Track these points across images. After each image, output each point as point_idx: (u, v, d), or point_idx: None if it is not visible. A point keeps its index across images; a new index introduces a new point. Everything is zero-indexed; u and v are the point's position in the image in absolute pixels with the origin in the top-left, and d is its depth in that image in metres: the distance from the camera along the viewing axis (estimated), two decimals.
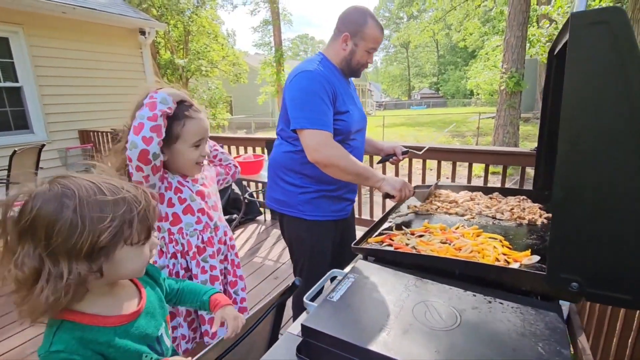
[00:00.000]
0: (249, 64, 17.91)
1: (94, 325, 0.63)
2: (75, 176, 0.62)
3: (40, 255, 0.57)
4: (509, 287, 0.78)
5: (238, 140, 4.05)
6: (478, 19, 21.90)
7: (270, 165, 1.52)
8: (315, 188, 1.42)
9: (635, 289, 0.65)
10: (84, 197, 0.59)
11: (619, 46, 0.58)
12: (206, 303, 0.89)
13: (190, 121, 1.02)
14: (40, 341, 0.61)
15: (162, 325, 0.75)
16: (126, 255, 0.63)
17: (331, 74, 1.36)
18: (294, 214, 1.45)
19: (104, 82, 5.26)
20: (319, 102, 1.27)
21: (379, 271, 0.86)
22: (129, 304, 0.70)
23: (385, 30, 11.04)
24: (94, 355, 0.61)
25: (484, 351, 0.58)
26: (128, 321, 0.68)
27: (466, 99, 35.95)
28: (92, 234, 0.57)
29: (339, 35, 1.38)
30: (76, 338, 0.60)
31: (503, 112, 7.77)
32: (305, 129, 1.26)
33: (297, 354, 0.65)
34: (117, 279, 0.69)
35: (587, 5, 0.75)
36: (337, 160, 1.24)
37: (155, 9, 13.49)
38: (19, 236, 0.58)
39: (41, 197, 0.58)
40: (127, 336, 0.66)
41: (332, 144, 1.26)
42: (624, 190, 0.62)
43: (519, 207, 1.24)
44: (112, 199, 0.61)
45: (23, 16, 4.26)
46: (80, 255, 0.58)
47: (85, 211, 0.58)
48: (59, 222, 0.56)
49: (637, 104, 0.59)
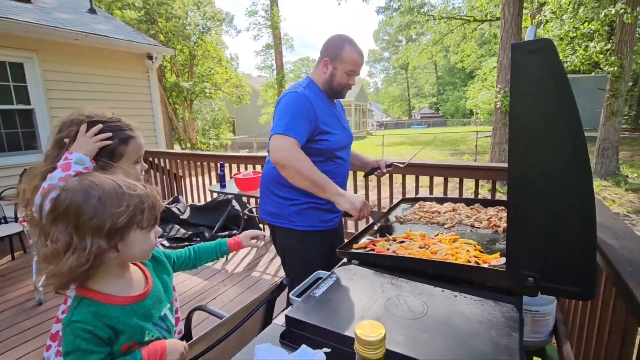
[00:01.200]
0: (252, 86, 18.41)
1: (107, 303, 0.76)
2: (99, 175, 0.79)
3: (70, 233, 0.71)
4: (476, 284, 0.86)
5: (239, 158, 4.18)
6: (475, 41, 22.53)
7: (262, 179, 1.62)
8: (304, 200, 1.50)
9: (583, 282, 0.73)
10: (106, 189, 0.74)
11: (551, 67, 0.69)
12: (227, 250, 1.22)
13: (133, 140, 1.07)
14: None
15: (166, 307, 0.88)
16: (137, 238, 0.78)
17: (316, 97, 1.49)
18: (284, 225, 1.53)
19: (111, 104, 5.46)
20: (297, 115, 1.37)
21: (360, 272, 0.95)
22: (137, 287, 0.84)
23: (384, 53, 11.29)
24: (105, 327, 0.74)
25: (443, 334, 0.66)
26: (135, 301, 0.81)
27: (465, 118, 36.40)
28: (111, 217, 0.73)
29: (320, 60, 1.52)
30: (92, 312, 0.74)
31: (499, 130, 7.93)
32: (278, 134, 1.33)
33: (281, 340, 0.73)
34: (129, 259, 0.82)
35: (535, 35, 0.86)
36: (294, 163, 1.28)
37: (162, 35, 14.06)
38: (54, 219, 0.72)
39: (72, 190, 0.74)
40: (133, 314, 0.79)
41: (294, 148, 1.31)
42: (566, 192, 0.71)
43: (496, 216, 1.32)
44: (128, 192, 0.76)
45: (38, 43, 4.51)
46: (102, 233, 0.72)
47: (107, 200, 0.73)
48: (86, 208, 0.72)
49: (570, 113, 0.69)
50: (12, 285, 2.90)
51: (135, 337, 0.79)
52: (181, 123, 15.52)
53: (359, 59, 1.50)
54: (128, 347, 0.78)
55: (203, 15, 15.51)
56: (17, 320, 2.39)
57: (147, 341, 0.82)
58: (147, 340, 0.82)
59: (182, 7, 14.33)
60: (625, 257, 0.95)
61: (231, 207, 3.94)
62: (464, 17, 17.39)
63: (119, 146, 1.03)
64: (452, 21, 17.77)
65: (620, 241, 1.05)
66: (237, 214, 3.91)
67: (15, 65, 4.44)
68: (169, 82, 14.76)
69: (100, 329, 0.73)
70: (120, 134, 1.04)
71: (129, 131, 1.07)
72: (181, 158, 4.82)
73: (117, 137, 1.03)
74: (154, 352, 0.77)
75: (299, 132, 1.35)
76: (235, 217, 3.92)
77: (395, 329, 0.68)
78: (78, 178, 0.78)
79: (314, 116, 1.42)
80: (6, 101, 4.39)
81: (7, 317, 2.43)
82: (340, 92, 1.56)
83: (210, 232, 3.77)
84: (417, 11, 17.43)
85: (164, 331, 0.86)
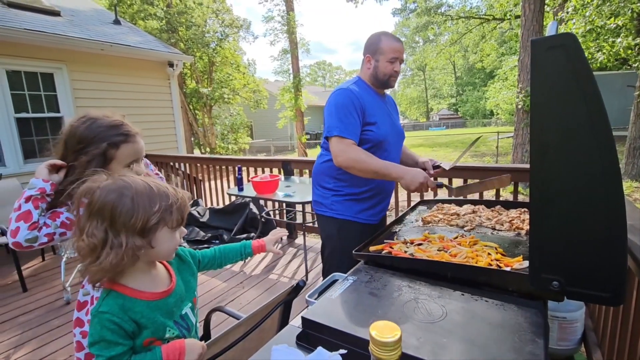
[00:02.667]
0: (269, 91, 18.62)
1: (133, 297, 0.80)
2: (132, 175, 0.85)
3: (105, 229, 0.76)
4: (498, 288, 0.83)
5: (257, 161, 4.24)
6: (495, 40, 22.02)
7: (313, 175, 1.79)
8: (347, 191, 1.63)
9: (611, 287, 0.69)
10: (138, 189, 0.79)
11: (574, 64, 0.67)
12: (251, 252, 1.22)
13: (125, 145, 1.09)
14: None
15: (187, 305, 0.91)
16: (164, 236, 0.81)
17: (363, 91, 1.60)
18: (327, 213, 1.67)
19: (134, 110, 5.66)
20: (347, 113, 1.50)
21: (376, 274, 0.94)
22: (161, 284, 0.87)
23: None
24: (130, 320, 0.77)
25: (463, 339, 0.64)
26: (159, 298, 0.84)
27: (486, 119, 35.53)
28: (144, 216, 0.77)
29: (364, 59, 1.66)
30: (119, 305, 0.78)
31: (521, 130, 7.69)
32: (332, 137, 1.50)
33: (297, 341, 0.73)
34: (156, 257, 0.86)
35: (556, 31, 0.83)
36: (353, 163, 1.47)
37: (182, 43, 14.45)
38: (89, 215, 0.77)
39: (107, 188, 0.78)
40: (157, 310, 0.82)
41: (351, 149, 1.47)
42: (590, 193, 0.68)
43: (519, 218, 1.28)
44: (158, 192, 0.81)
45: (67, 54, 4.73)
46: (135, 231, 0.77)
47: (139, 199, 0.78)
48: (120, 207, 0.76)
49: (595, 112, 0.66)
50: (42, 285, 3.03)
51: (157, 333, 0.81)
52: (201, 128, 15.86)
53: (397, 45, 1.59)
54: (149, 342, 0.81)
55: (221, 22, 15.85)
56: (46, 319, 2.49)
57: (168, 338, 0.84)
58: (167, 337, 0.84)
59: (201, 15, 14.70)
60: None
61: (249, 210, 3.99)
62: (483, 16, 17.04)
63: (109, 149, 1.04)
64: (471, 20, 17.44)
65: None
66: (255, 217, 3.95)
67: (46, 76, 4.67)
68: (189, 88, 15.14)
69: (125, 322, 0.77)
70: (111, 138, 1.05)
71: (125, 136, 1.08)
72: (201, 162, 4.92)
73: (108, 140, 1.04)
74: (172, 350, 0.79)
75: (353, 132, 1.50)
76: (253, 219, 3.96)
77: (414, 332, 0.67)
78: (112, 178, 0.81)
79: (361, 108, 1.53)
80: (38, 109, 4.62)
81: (37, 316, 2.54)
82: (388, 81, 1.64)
83: (229, 234, 3.82)
84: (434, 12, 17.20)
85: (184, 329, 0.88)
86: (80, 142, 1.02)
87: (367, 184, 1.62)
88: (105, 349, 0.75)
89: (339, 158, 1.49)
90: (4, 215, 3.27)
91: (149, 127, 5.84)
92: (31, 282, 3.08)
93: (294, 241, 3.88)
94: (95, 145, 1.02)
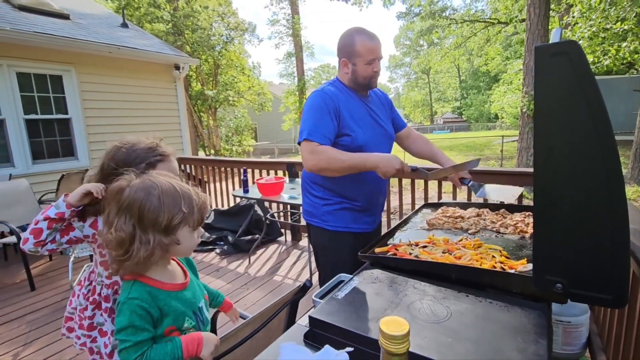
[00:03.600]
0: (273, 93, 18.73)
1: (155, 287, 0.85)
2: (158, 176, 0.88)
3: (134, 225, 0.81)
4: (502, 290, 0.84)
5: (262, 164, 4.27)
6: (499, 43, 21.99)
7: (302, 181, 1.69)
8: (337, 200, 1.55)
9: (615, 289, 0.70)
10: (164, 189, 0.84)
11: (577, 71, 0.68)
12: (220, 304, 1.20)
13: (162, 164, 1.15)
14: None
15: (202, 300, 0.96)
16: (185, 235, 0.86)
17: (341, 93, 1.51)
18: (318, 224, 1.58)
19: (141, 112, 5.73)
20: (318, 116, 1.41)
21: (381, 275, 0.95)
22: (178, 278, 0.93)
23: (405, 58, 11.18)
24: (156, 307, 0.82)
25: (467, 339, 0.66)
26: (179, 289, 0.89)
27: (490, 122, 35.41)
28: (170, 214, 0.82)
29: (339, 62, 1.55)
30: (147, 291, 0.84)
31: (526, 134, 7.67)
32: (301, 142, 1.41)
33: (305, 339, 0.74)
34: (176, 254, 0.90)
35: (560, 37, 0.85)
36: (325, 164, 1.37)
37: (188, 46, 14.59)
38: (118, 211, 0.82)
39: (136, 187, 0.83)
40: (177, 299, 0.87)
41: (317, 150, 1.37)
42: (594, 197, 0.69)
43: (523, 222, 1.29)
44: (182, 192, 0.85)
45: (75, 57, 4.80)
46: (160, 228, 0.82)
47: (165, 198, 0.83)
48: (148, 204, 0.81)
49: (598, 118, 0.68)
50: (49, 285, 3.07)
51: (178, 321, 0.86)
52: (206, 130, 15.98)
53: (373, 45, 1.47)
54: (169, 331, 0.85)
55: (227, 26, 15.99)
56: (53, 318, 2.53)
57: (185, 329, 0.88)
58: (185, 327, 0.88)
59: (207, 19, 14.85)
60: None
61: (254, 211, 4.01)
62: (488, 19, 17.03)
63: (147, 169, 1.09)
64: (475, 24, 17.43)
65: None
66: (259, 219, 3.98)
67: (55, 78, 4.75)
68: (194, 90, 15.27)
69: (153, 308, 0.81)
70: (149, 158, 1.12)
71: (161, 156, 1.15)
72: (206, 164, 4.96)
73: (146, 161, 1.12)
74: (191, 340, 0.83)
75: (322, 133, 1.39)
76: (257, 221, 3.99)
77: (419, 332, 0.68)
78: (141, 177, 0.86)
79: (336, 110, 1.45)
80: (47, 111, 4.70)
81: (44, 315, 2.57)
82: (369, 84, 1.54)
83: (234, 235, 3.85)
84: (439, 15, 17.23)
85: (200, 322, 0.92)
86: (120, 165, 1.06)
87: (357, 189, 1.53)
88: (133, 335, 0.79)
89: (308, 163, 1.38)
90: (14, 215, 3.32)
91: (155, 128, 5.91)
92: (39, 282, 3.12)
93: (298, 243, 3.90)
94: (135, 167, 1.07)
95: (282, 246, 3.83)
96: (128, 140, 1.16)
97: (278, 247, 3.80)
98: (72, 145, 4.97)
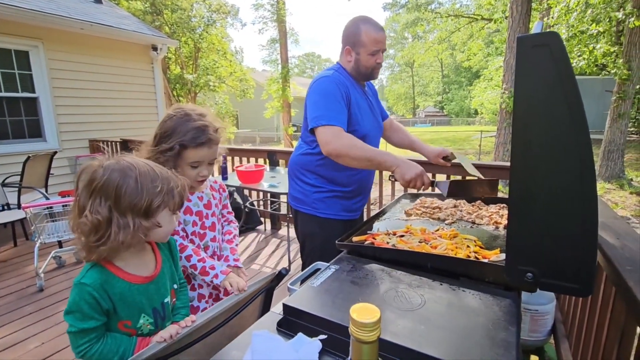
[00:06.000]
0: (256, 80, 18.37)
1: (116, 276, 0.80)
2: (134, 157, 0.85)
3: (110, 208, 0.75)
4: (475, 279, 0.86)
5: (241, 151, 4.18)
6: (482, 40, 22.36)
7: (290, 166, 1.66)
8: (329, 188, 1.54)
9: (582, 279, 0.72)
10: (141, 171, 0.79)
11: (557, 64, 0.68)
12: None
13: (200, 149, 1.10)
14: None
15: (167, 296, 0.90)
16: (165, 219, 0.83)
17: (347, 80, 1.50)
18: (308, 211, 1.57)
19: (115, 94, 5.47)
20: (333, 101, 1.39)
21: (358, 264, 0.95)
22: (146, 270, 0.87)
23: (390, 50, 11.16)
24: (107, 298, 0.78)
25: (440, 327, 0.66)
26: (141, 282, 0.84)
27: (470, 117, 36.21)
28: (148, 197, 0.78)
29: (343, 49, 1.53)
30: (101, 280, 0.79)
31: (503, 130, 7.89)
32: (319, 127, 1.37)
33: (278, 327, 0.73)
34: (153, 238, 0.86)
35: (543, 28, 0.85)
36: (346, 150, 1.32)
37: (167, 27, 14.02)
38: (90, 193, 0.76)
39: (110, 167, 0.78)
40: (137, 294, 0.82)
41: (341, 135, 1.35)
42: (569, 190, 0.71)
43: (497, 214, 1.32)
44: (160, 174, 0.82)
45: (44, 31, 4.51)
46: (140, 212, 0.77)
47: (143, 180, 0.78)
48: (124, 186, 0.77)
49: (575, 112, 0.68)
50: (14, 272, 2.92)
51: (133, 316, 0.81)
52: None
53: (378, 36, 1.46)
54: (123, 326, 0.80)
55: (208, 7, 15.45)
56: (18, 305, 2.42)
57: (142, 326, 0.83)
58: (141, 323, 0.83)
59: None
60: (625, 257, 0.94)
61: (233, 199, 3.95)
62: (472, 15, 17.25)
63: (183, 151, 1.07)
64: (460, 19, 17.62)
65: (621, 241, 1.05)
66: (238, 207, 3.92)
67: (21, 53, 4.45)
68: (173, 74, 14.76)
69: (103, 299, 0.77)
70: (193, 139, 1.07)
71: (207, 140, 1.09)
72: None
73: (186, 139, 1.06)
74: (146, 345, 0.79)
75: (339, 119, 1.37)
76: (236, 209, 3.92)
77: (393, 320, 0.68)
78: (116, 157, 0.82)
79: (347, 97, 1.44)
80: (11, 89, 4.41)
81: (8, 302, 2.45)
82: (371, 74, 1.54)
83: None
84: (425, 8, 17.29)
85: (160, 319, 0.87)
86: (164, 135, 1.07)
87: (349, 179, 1.54)
88: (79, 320, 0.76)
89: (329, 146, 1.33)
90: None
91: (129, 111, 5.67)
92: (2, 268, 2.97)
93: (278, 232, 3.87)
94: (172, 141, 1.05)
95: (261, 235, 3.80)
96: (184, 110, 1.10)
97: (257, 236, 3.77)
98: (39, 126, 4.71)
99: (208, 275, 1.11)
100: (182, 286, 1.02)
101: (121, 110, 5.57)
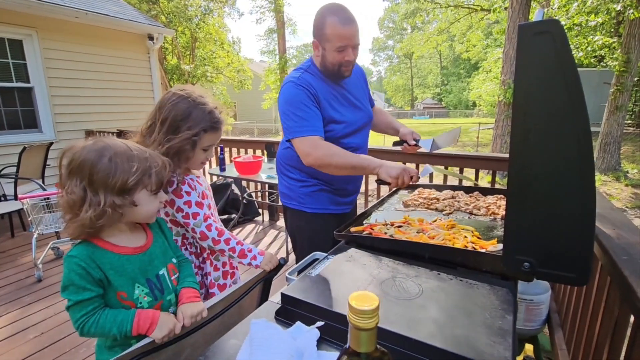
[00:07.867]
0: (254, 71, 18.19)
1: (104, 249, 0.83)
2: (113, 138, 0.86)
3: (84, 188, 0.79)
4: (472, 269, 0.86)
5: (239, 142, 4.17)
6: (481, 31, 22.19)
7: (276, 161, 1.63)
8: (314, 182, 1.51)
9: (579, 268, 0.73)
10: (117, 151, 0.82)
11: (558, 51, 0.68)
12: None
13: (210, 134, 1.10)
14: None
15: (163, 268, 0.91)
16: (144, 200, 0.85)
17: (317, 79, 1.40)
18: (295, 206, 1.54)
19: (111, 84, 5.41)
20: (303, 108, 1.32)
21: (356, 254, 0.95)
22: (136, 243, 0.90)
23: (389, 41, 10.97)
24: (96, 267, 0.81)
25: (437, 316, 0.67)
26: (131, 253, 0.86)
27: (468, 110, 36.12)
28: (122, 176, 0.80)
29: (313, 42, 1.41)
30: (88, 252, 0.81)
31: (501, 122, 7.88)
32: (295, 138, 1.33)
33: (276, 316, 0.74)
34: (135, 219, 0.87)
35: (544, 16, 0.84)
36: (328, 160, 1.29)
37: (164, 16, 13.81)
38: (69, 174, 0.81)
39: (87, 148, 0.81)
40: (128, 263, 0.85)
41: (319, 145, 1.30)
42: (567, 180, 0.71)
43: (495, 204, 1.32)
44: (137, 155, 0.83)
45: (38, 20, 4.43)
46: (114, 190, 0.80)
47: (118, 160, 0.80)
48: (98, 165, 0.79)
49: (576, 101, 0.68)
50: (12, 262, 2.92)
51: (127, 286, 0.83)
52: None
53: (344, 31, 1.30)
54: (120, 297, 0.83)
55: None
56: (17, 296, 2.42)
57: (139, 296, 0.85)
58: (137, 294, 0.84)
59: None
60: (621, 247, 0.95)
61: (231, 190, 3.94)
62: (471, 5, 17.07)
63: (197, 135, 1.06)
64: (459, 10, 17.44)
65: (617, 231, 1.05)
66: (236, 198, 3.91)
67: (15, 42, 4.38)
68: (169, 64, 14.59)
69: (92, 268, 0.79)
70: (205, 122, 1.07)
71: (216, 124, 1.10)
72: None
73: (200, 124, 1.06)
74: (145, 317, 0.81)
75: (315, 127, 1.32)
76: (234, 201, 3.92)
77: (390, 308, 0.68)
78: (94, 139, 0.84)
79: (316, 99, 1.37)
80: (5, 79, 4.35)
81: (7, 293, 2.46)
82: (338, 72, 1.39)
83: None
84: None
85: (157, 290, 0.88)
86: (178, 118, 1.04)
87: (332, 174, 1.46)
88: (74, 293, 0.78)
89: (309, 157, 1.30)
90: None
91: (125, 102, 5.62)
92: (0, 259, 2.96)
93: (276, 223, 3.88)
94: (195, 123, 1.04)
95: (259, 226, 3.80)
96: (189, 91, 1.08)
97: (255, 227, 3.77)
98: (35, 117, 4.66)
99: (246, 258, 1.14)
100: (184, 261, 1.04)
101: (117, 100, 5.51)
